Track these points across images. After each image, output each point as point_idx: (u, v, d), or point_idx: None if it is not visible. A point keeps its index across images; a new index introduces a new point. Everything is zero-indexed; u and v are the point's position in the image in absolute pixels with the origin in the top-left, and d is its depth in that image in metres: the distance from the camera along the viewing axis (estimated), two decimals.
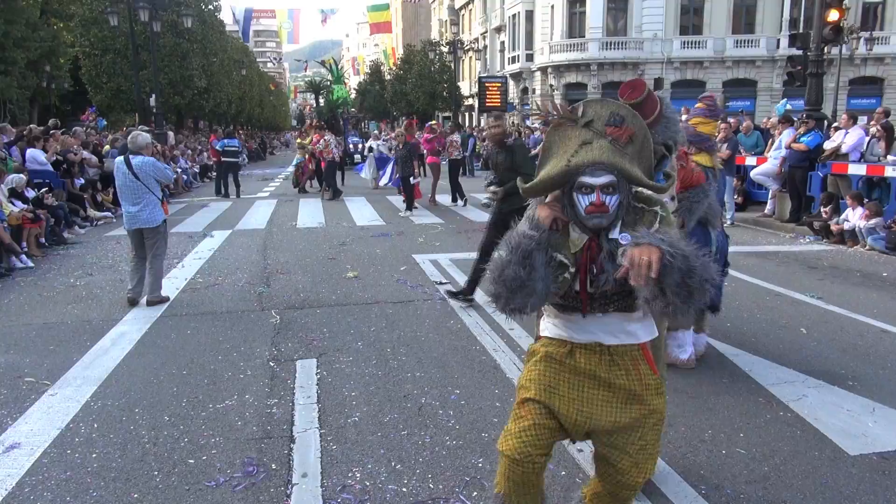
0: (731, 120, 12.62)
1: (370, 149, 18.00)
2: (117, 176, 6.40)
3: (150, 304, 6.36)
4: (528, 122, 28.12)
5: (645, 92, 2.93)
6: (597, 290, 2.08)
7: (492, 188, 6.10)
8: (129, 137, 6.68)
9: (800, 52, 12.81)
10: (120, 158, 6.46)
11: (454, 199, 14.49)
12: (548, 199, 2.16)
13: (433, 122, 22.34)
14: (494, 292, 2.07)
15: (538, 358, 2.29)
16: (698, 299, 1.90)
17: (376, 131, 24.90)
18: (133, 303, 6.40)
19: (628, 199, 2.08)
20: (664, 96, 2.97)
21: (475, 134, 25.51)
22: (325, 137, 16.49)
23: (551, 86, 36.51)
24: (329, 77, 42.89)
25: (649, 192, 2.15)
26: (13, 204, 9.06)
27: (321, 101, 47.14)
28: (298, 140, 20.89)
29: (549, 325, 2.31)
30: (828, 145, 10.68)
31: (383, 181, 17.42)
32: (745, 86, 35.59)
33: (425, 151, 16.71)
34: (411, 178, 13.42)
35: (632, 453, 2.19)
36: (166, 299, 6.49)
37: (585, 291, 2.10)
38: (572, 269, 2.06)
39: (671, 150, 3.11)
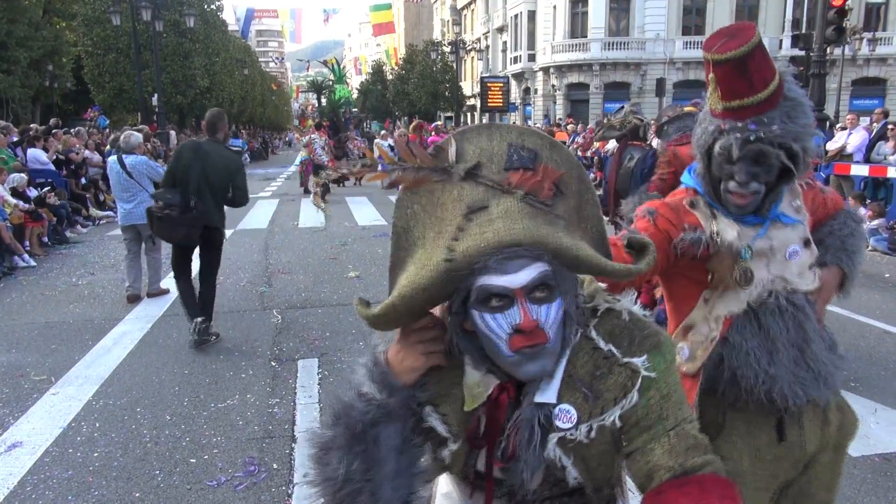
0: None
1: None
2: (111, 175, 6.65)
3: (150, 295, 6.45)
4: (529, 122, 28.11)
5: (753, 41, 1.50)
6: (516, 487, 1.18)
7: None
8: (121, 137, 6.94)
9: (802, 53, 12.80)
10: (113, 158, 6.68)
11: None
12: (417, 326, 1.15)
13: (438, 122, 22.24)
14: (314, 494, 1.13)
15: None
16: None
17: (383, 131, 24.84)
18: (133, 299, 6.45)
19: (576, 310, 1.11)
20: (785, 68, 1.61)
21: None
22: (311, 136, 16.25)
23: (553, 86, 36.51)
24: (331, 77, 42.94)
25: (611, 299, 1.20)
26: (13, 200, 9.07)
27: (323, 100, 47.17)
28: (298, 137, 20.78)
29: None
30: (830, 146, 10.67)
31: None
32: None
33: None
34: None
35: None
36: (166, 291, 6.56)
37: (491, 478, 1.20)
38: (454, 447, 1.16)
39: (798, 161, 1.60)
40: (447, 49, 41.77)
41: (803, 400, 1.67)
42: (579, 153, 18.49)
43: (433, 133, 17.03)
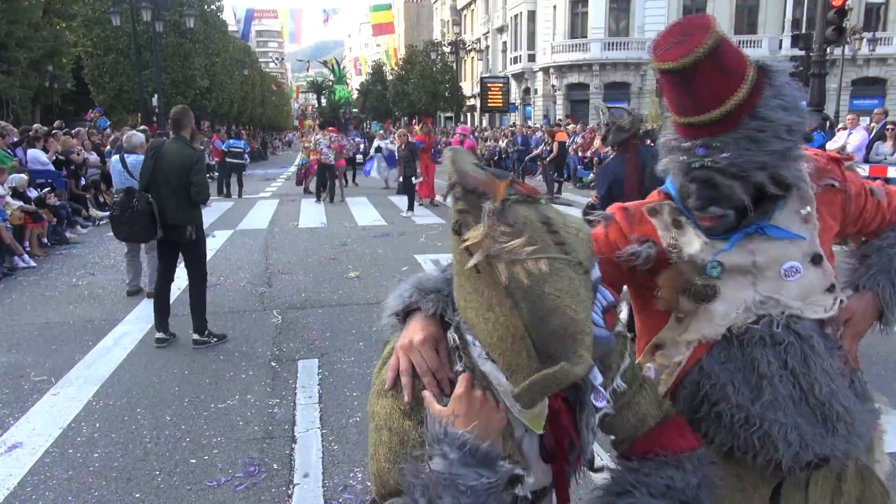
0: None
1: (378, 148, 17.88)
2: (113, 173, 6.77)
3: (149, 296, 6.40)
4: (529, 123, 28.11)
5: (701, 50, 1.23)
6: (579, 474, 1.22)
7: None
8: (124, 137, 7.02)
9: (802, 53, 12.80)
10: (115, 157, 6.73)
11: None
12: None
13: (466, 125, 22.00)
14: None
15: None
16: None
17: (381, 131, 24.78)
18: (133, 294, 6.57)
19: None
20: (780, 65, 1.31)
21: (475, 134, 25.52)
22: (316, 137, 16.31)
23: (553, 86, 36.52)
24: (331, 77, 43.02)
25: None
26: (13, 201, 9.07)
27: (323, 101, 47.21)
28: (303, 140, 20.76)
29: None
30: (830, 146, 10.68)
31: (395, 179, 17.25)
32: None
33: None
34: (413, 178, 13.44)
35: None
36: None
37: (565, 489, 1.20)
38: (531, 479, 1.12)
39: (767, 190, 1.35)
40: (447, 49, 41.77)
41: (809, 457, 1.36)
42: (579, 153, 18.48)
43: (465, 138, 16.60)
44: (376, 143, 18.54)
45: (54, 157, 11.76)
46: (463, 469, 0.97)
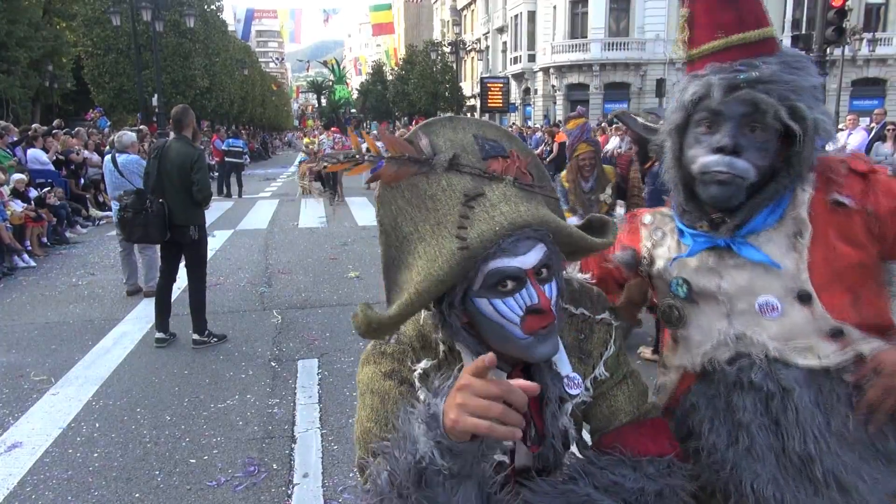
0: None
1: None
2: (106, 173, 6.79)
3: (147, 295, 6.42)
4: (529, 123, 28.11)
5: None
6: (549, 466, 1.18)
7: None
8: (115, 136, 7.03)
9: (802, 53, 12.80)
10: (108, 157, 6.78)
11: None
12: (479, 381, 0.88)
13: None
14: None
15: None
16: None
17: (375, 132, 24.78)
18: (133, 293, 6.61)
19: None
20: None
21: None
22: (320, 138, 16.39)
23: (553, 86, 36.52)
24: (331, 77, 43.03)
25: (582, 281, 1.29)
26: (15, 203, 9.08)
27: (323, 101, 47.20)
28: (306, 140, 20.77)
29: None
30: (830, 146, 10.68)
31: None
32: None
33: None
34: None
35: None
36: None
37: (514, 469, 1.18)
38: (504, 457, 1.12)
39: (806, 132, 1.19)
40: (447, 49, 41.79)
41: None
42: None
43: None
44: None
45: (54, 157, 11.76)
46: (423, 438, 0.94)
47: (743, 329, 1.23)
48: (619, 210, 5.21)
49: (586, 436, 1.29)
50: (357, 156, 1.08)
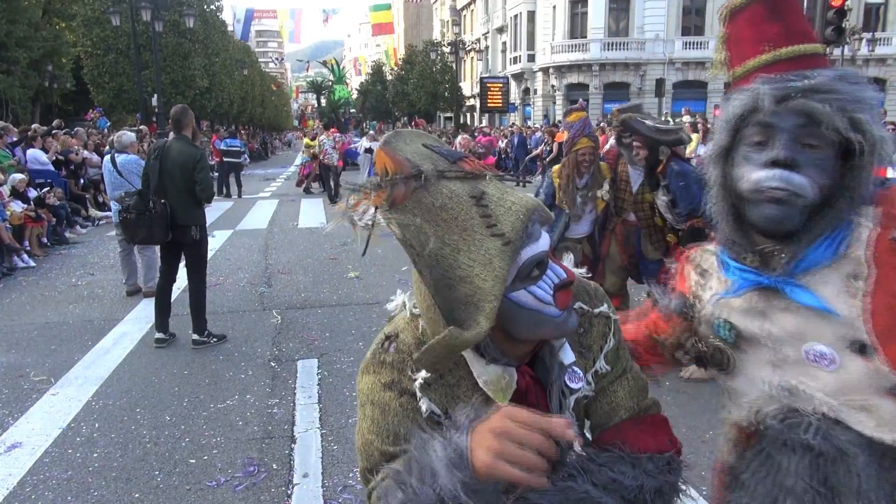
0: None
1: (368, 150, 17.84)
2: (105, 173, 6.82)
3: (146, 295, 6.42)
4: (529, 123, 28.10)
5: None
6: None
7: None
8: (115, 137, 7.06)
9: None
10: (107, 157, 6.82)
11: None
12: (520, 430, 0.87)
13: (481, 124, 21.76)
14: None
15: None
16: None
17: (372, 132, 24.71)
18: (133, 293, 6.62)
19: None
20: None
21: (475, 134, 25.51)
22: (321, 138, 16.37)
23: (553, 86, 36.53)
24: (331, 77, 43.02)
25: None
26: (15, 204, 9.08)
27: (323, 101, 47.18)
28: (306, 140, 20.77)
29: None
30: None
31: None
32: None
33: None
34: None
35: None
36: None
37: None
38: None
39: (867, 149, 1.07)
40: (447, 49, 41.78)
41: None
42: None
43: (480, 134, 16.58)
44: (364, 143, 18.32)
45: (54, 157, 11.76)
46: (445, 472, 0.92)
47: (792, 380, 1.11)
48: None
49: (587, 432, 1.29)
50: (383, 181, 1.04)
